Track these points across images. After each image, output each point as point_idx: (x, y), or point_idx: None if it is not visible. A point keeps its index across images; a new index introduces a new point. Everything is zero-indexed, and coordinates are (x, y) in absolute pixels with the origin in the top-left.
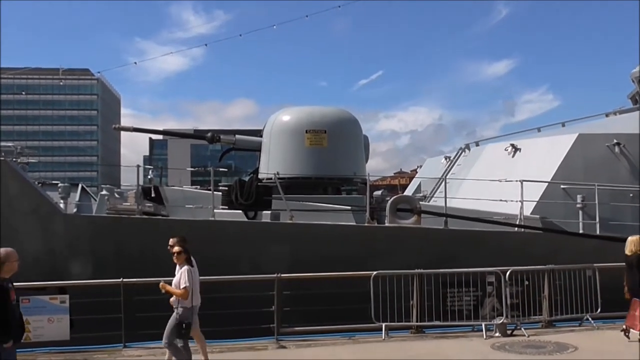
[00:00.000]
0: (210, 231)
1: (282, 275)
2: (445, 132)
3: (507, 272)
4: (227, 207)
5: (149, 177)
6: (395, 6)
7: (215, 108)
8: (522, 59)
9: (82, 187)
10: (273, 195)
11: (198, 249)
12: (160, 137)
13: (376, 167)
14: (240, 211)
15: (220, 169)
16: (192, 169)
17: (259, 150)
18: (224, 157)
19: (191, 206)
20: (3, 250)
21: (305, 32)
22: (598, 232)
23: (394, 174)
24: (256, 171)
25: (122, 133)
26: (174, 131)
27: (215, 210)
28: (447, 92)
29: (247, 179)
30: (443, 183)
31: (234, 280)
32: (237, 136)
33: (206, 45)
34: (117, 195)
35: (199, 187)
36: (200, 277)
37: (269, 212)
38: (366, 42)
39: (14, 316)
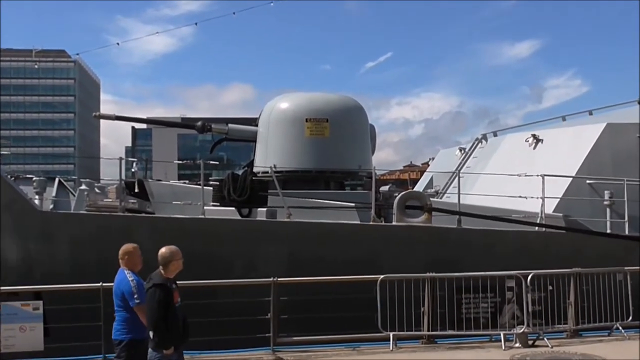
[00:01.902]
0: (200, 230)
1: (279, 279)
2: (463, 120)
3: (528, 276)
4: (218, 203)
5: (132, 170)
6: None
7: (208, 93)
8: (547, 40)
9: (59, 182)
10: (269, 191)
11: (187, 249)
12: (144, 126)
13: (386, 159)
14: (233, 208)
15: (211, 162)
16: (180, 162)
17: (255, 141)
18: (216, 148)
19: (179, 202)
20: (167, 248)
21: (306, 10)
22: (627, 232)
23: (404, 167)
24: (251, 164)
25: (102, 121)
26: (159, 119)
27: (205, 207)
28: (464, 77)
29: (240, 172)
30: (457, 177)
31: (225, 284)
32: (230, 125)
33: (196, 24)
34: (97, 191)
35: (187, 181)
36: (190, 282)
37: (265, 209)
38: (373, 21)
39: (176, 320)
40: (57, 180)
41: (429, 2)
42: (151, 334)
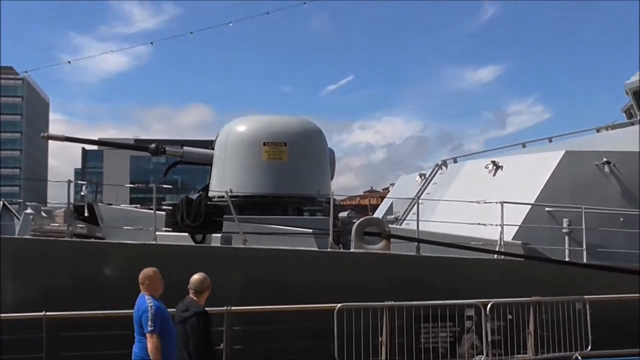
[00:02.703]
0: (151, 256)
1: (233, 308)
2: (426, 145)
3: (488, 304)
4: (171, 228)
5: (82, 193)
6: (366, 5)
7: (164, 114)
8: (509, 66)
9: (4, 205)
10: (224, 216)
11: (137, 277)
12: (95, 147)
13: (348, 184)
14: (186, 234)
15: (164, 185)
16: (132, 185)
17: (211, 165)
18: (170, 171)
19: (130, 227)
20: (203, 275)
21: (266, 30)
22: (585, 260)
23: (364, 192)
24: (206, 188)
25: (51, 142)
26: (111, 141)
27: (157, 233)
28: (427, 101)
29: (195, 197)
30: (416, 204)
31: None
32: (185, 148)
33: (152, 43)
34: (44, 214)
35: (139, 205)
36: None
37: (220, 235)
38: (335, 43)
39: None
40: (1, 203)
41: (391, 25)
42: None
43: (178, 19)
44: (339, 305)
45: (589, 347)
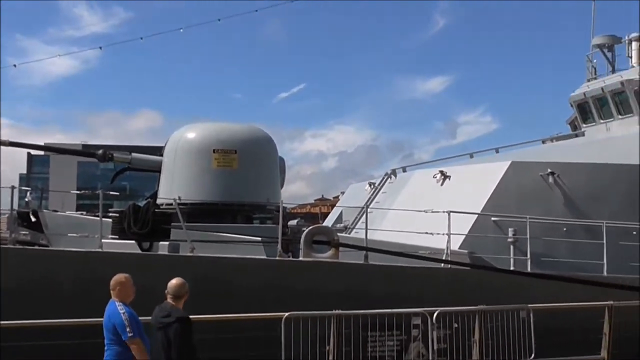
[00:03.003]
0: (97, 264)
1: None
2: (378, 154)
3: (434, 313)
4: (117, 236)
5: (26, 199)
6: (319, 13)
7: (113, 119)
8: (460, 76)
9: None
10: (172, 224)
11: (82, 285)
12: (41, 152)
13: (300, 192)
14: (133, 241)
15: (111, 192)
16: (78, 192)
17: (159, 171)
18: (117, 178)
19: (75, 235)
20: (182, 280)
21: (218, 38)
22: (529, 269)
23: (315, 200)
24: (154, 195)
25: None
26: (58, 147)
27: (103, 240)
28: (379, 110)
29: (143, 204)
30: (365, 213)
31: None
32: (133, 154)
33: (100, 48)
34: None
35: (85, 212)
36: (82, 320)
37: (167, 243)
38: (287, 52)
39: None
40: None
41: (343, 33)
42: None
43: (129, 23)
44: (287, 314)
45: (533, 355)
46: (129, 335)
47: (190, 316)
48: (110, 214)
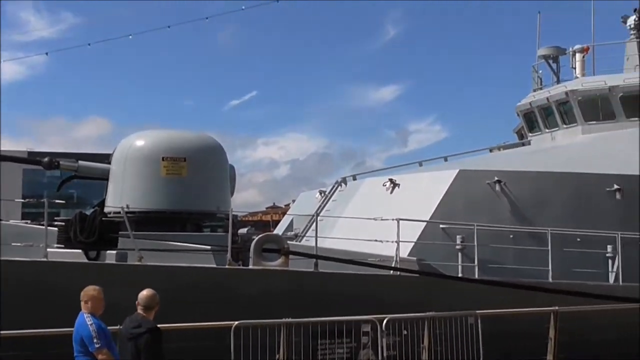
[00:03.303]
0: (42, 274)
1: None
2: (330, 162)
3: (383, 320)
4: (63, 245)
5: None
6: (271, 21)
7: (61, 127)
8: (410, 85)
9: None
10: (120, 232)
11: (26, 295)
12: None
13: (252, 200)
14: (79, 251)
15: (57, 201)
16: (23, 200)
17: (107, 179)
18: (64, 186)
19: (19, 244)
20: (152, 291)
21: (169, 45)
22: (477, 276)
23: (267, 208)
24: (102, 203)
25: None
26: (1, 154)
27: (49, 250)
28: (331, 118)
29: (90, 212)
30: (315, 221)
31: (63, 333)
32: (80, 162)
33: (47, 54)
34: None
35: (30, 221)
36: (25, 331)
37: (115, 252)
38: (240, 59)
39: None
40: None
41: (294, 41)
42: None
43: (77, 28)
44: (236, 322)
45: None
46: (97, 346)
47: None
48: (56, 223)
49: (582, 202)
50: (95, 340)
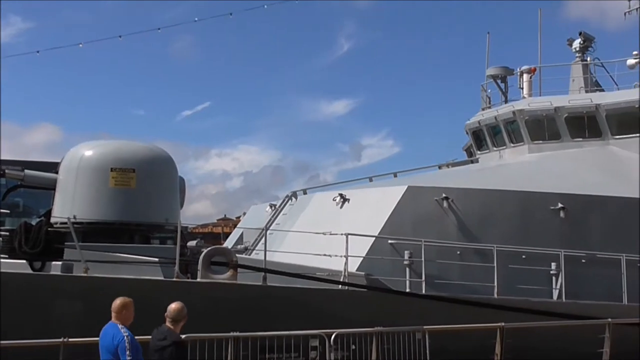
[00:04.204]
0: None
1: (70, 339)
2: (284, 174)
3: (332, 335)
4: (7, 255)
5: None
6: (226, 32)
7: (9, 132)
8: (363, 99)
9: None
10: (66, 243)
11: None
12: None
13: (204, 211)
14: (24, 261)
15: (2, 210)
16: None
17: (54, 189)
18: (10, 194)
19: None
20: (181, 304)
21: (122, 53)
22: (424, 291)
23: (218, 220)
24: (48, 213)
25: None
26: None
27: None
28: (283, 131)
29: (36, 222)
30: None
31: (10, 345)
32: (26, 171)
33: None
34: None
35: None
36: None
37: (60, 262)
38: (192, 69)
39: None
40: None
41: (248, 52)
42: None
43: (27, 33)
44: (184, 336)
45: None
46: (129, 358)
47: (78, 339)
48: (1, 233)
49: (527, 220)
50: (127, 352)
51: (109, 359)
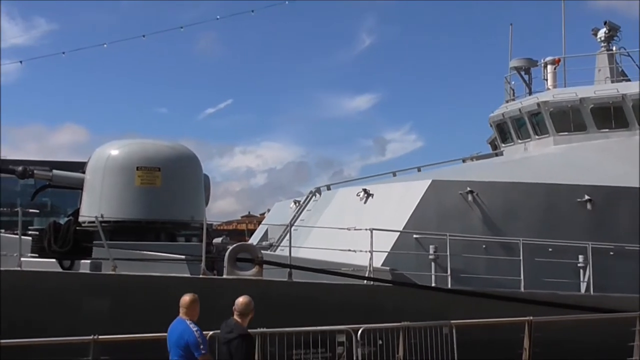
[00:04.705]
0: (16, 284)
1: (100, 337)
2: (307, 170)
3: (358, 330)
4: (37, 254)
5: None
6: (247, 29)
7: (37, 134)
8: (386, 94)
9: None
10: (94, 242)
11: (1, 305)
12: None
13: (228, 208)
14: (54, 260)
15: (30, 210)
16: None
17: (82, 189)
18: (38, 194)
19: None
20: (249, 298)
21: (145, 53)
22: (450, 285)
23: (242, 217)
24: (76, 213)
25: None
26: None
27: (22, 259)
28: (306, 127)
29: (64, 221)
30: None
31: (39, 343)
32: (54, 171)
33: (21, 62)
34: None
35: (3, 230)
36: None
37: (89, 261)
38: (215, 67)
39: None
40: None
41: (270, 49)
42: None
43: (51, 35)
44: (211, 332)
45: None
46: (202, 352)
47: (108, 336)
48: (30, 232)
49: (553, 213)
50: (201, 347)
51: (179, 354)
